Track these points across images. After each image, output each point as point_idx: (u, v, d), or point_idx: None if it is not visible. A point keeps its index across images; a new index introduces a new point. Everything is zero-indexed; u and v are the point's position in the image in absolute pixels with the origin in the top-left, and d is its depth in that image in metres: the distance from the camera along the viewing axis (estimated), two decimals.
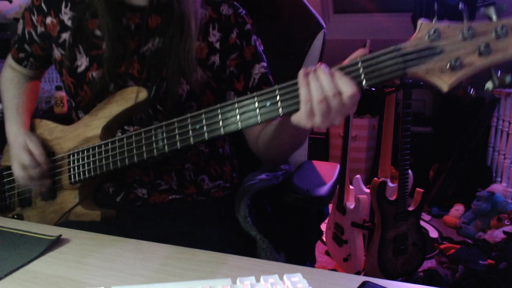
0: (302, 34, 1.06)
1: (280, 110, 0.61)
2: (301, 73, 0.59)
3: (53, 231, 0.64)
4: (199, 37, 0.80)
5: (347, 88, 0.56)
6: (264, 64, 0.86)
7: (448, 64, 0.53)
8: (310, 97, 0.57)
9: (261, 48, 0.87)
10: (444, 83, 0.54)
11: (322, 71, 0.57)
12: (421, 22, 0.55)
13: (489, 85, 0.53)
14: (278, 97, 0.61)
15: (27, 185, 0.83)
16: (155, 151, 0.70)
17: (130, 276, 0.53)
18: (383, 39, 2.85)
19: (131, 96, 0.75)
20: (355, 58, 0.57)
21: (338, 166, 1.03)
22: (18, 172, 0.80)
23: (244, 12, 0.85)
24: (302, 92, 0.58)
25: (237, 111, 0.64)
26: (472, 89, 0.60)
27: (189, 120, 0.67)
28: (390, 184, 1.78)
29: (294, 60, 1.07)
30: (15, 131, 0.85)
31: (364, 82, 0.57)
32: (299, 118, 0.60)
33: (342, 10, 3.28)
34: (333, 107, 0.57)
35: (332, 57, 0.59)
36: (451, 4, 2.41)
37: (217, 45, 0.81)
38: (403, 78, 1.69)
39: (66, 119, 0.88)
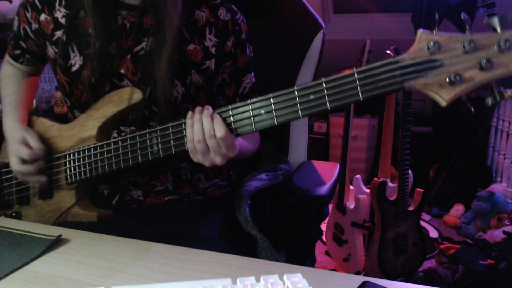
0: (301, 34, 1.06)
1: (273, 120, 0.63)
2: (188, 115, 0.67)
3: (53, 231, 0.64)
4: (195, 40, 0.79)
5: (218, 130, 0.64)
6: (253, 74, 0.87)
7: (447, 79, 0.51)
8: (192, 137, 0.66)
9: (251, 55, 0.87)
10: (442, 98, 0.52)
11: (205, 114, 0.65)
12: (421, 32, 0.53)
13: (489, 100, 0.52)
14: (272, 106, 0.62)
15: (25, 180, 0.82)
16: (150, 155, 0.70)
17: (130, 276, 0.52)
18: (383, 39, 2.86)
19: (127, 97, 0.75)
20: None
21: (338, 166, 1.03)
22: (16, 166, 0.79)
23: (241, 18, 0.84)
24: (188, 132, 0.66)
25: (232, 118, 0.65)
26: (472, 107, 0.56)
27: (183, 125, 0.68)
28: (390, 184, 1.78)
29: (293, 60, 1.07)
30: (12, 126, 0.84)
31: (360, 95, 0.56)
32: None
33: (342, 10, 3.28)
34: (211, 147, 0.65)
35: (332, 57, 0.59)
36: (451, 4, 2.41)
37: (213, 50, 0.80)
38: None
39: (66, 119, 0.88)
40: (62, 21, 0.79)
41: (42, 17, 0.81)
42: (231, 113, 0.65)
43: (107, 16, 0.75)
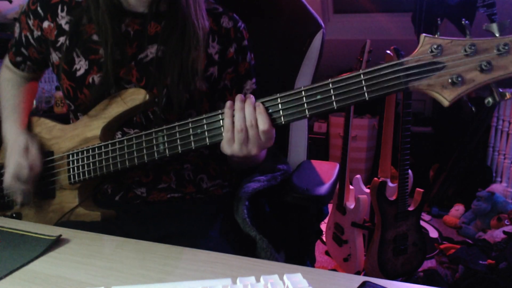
0: (301, 34, 1.06)
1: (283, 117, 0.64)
2: (227, 104, 0.66)
3: (53, 231, 0.64)
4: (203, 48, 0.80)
5: (261, 123, 0.63)
6: (254, 80, 0.88)
7: (450, 80, 0.54)
8: (230, 127, 0.65)
9: (252, 63, 0.88)
10: (445, 98, 0.55)
11: (248, 103, 0.64)
12: (424, 36, 0.56)
13: (489, 100, 0.55)
14: (279, 106, 0.64)
15: (12, 191, 0.82)
16: (156, 154, 0.71)
17: (130, 276, 0.52)
18: (383, 39, 2.86)
19: (131, 97, 0.75)
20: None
21: (338, 166, 1.03)
22: (9, 180, 0.79)
23: (243, 26, 0.86)
24: (226, 122, 0.65)
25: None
26: (472, 106, 0.62)
27: (190, 124, 0.68)
28: (390, 184, 1.78)
29: (293, 59, 1.07)
30: (14, 131, 0.84)
31: (366, 94, 0.58)
32: (222, 145, 0.68)
33: (342, 10, 3.28)
34: (250, 137, 0.65)
35: (332, 57, 0.59)
36: (451, 4, 2.41)
37: (216, 57, 0.82)
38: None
39: (66, 119, 0.88)
40: (66, 27, 0.79)
41: (45, 24, 0.81)
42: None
43: (111, 23, 0.75)
